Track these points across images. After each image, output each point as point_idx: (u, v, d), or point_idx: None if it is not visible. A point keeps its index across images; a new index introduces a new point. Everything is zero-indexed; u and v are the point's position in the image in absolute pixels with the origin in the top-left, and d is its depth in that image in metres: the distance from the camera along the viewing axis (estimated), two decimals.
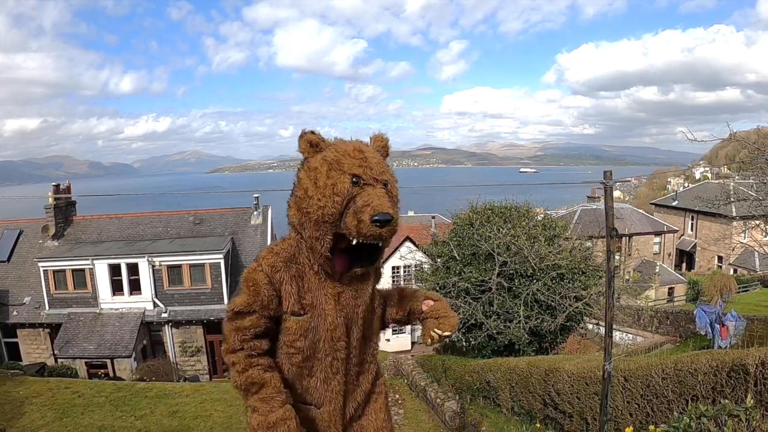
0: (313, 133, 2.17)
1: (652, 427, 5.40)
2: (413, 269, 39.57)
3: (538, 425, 8.00)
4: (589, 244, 17.05)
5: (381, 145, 2.31)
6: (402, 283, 39.81)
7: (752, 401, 4.29)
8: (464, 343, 15.69)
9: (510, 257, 13.62)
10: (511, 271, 13.71)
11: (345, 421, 2.38)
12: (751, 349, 6.14)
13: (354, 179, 2.02)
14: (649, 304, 27.74)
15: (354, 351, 2.31)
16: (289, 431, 2.06)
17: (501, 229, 13.86)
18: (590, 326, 19.16)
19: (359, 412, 2.45)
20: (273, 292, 2.16)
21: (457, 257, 14.67)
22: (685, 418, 4.24)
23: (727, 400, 4.61)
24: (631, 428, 5.27)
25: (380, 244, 2.08)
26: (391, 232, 2.01)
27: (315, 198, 2.03)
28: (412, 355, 17.12)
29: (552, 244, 14.23)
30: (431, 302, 2.50)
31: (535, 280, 13.50)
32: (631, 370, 6.54)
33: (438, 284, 14.78)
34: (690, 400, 5.83)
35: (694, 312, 20.04)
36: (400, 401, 10.57)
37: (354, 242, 2.03)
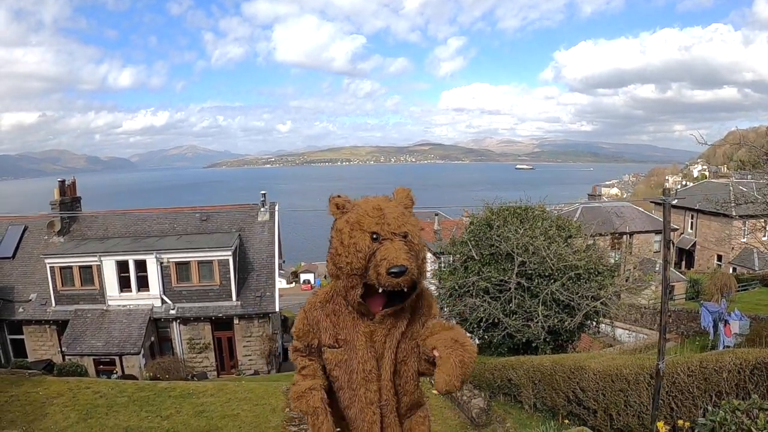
0: (339, 196, 2.52)
1: (680, 422, 5.62)
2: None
3: (566, 421, 8.21)
4: (601, 243, 17.25)
5: (404, 196, 2.57)
6: None
7: None
8: (478, 341, 15.88)
9: (528, 257, 13.79)
10: (530, 271, 13.87)
11: None
12: None
13: (373, 236, 2.30)
14: (650, 302, 27.91)
15: (387, 384, 2.52)
16: (312, 399, 2.47)
17: (519, 230, 14.04)
18: (604, 326, 19.34)
19: None
20: (309, 326, 2.60)
21: (476, 257, 14.84)
22: (720, 411, 4.42)
23: (756, 396, 4.82)
24: (662, 423, 5.47)
25: (415, 287, 2.36)
26: (408, 282, 2.25)
27: (343, 256, 2.34)
28: None
29: (568, 245, 14.42)
30: (436, 352, 2.42)
31: (553, 280, 13.66)
32: (663, 371, 6.68)
33: (457, 283, 15.03)
34: (714, 396, 6.03)
35: (699, 310, 20.26)
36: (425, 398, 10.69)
37: (380, 290, 2.32)
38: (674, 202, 47.66)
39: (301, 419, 9.19)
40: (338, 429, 2.60)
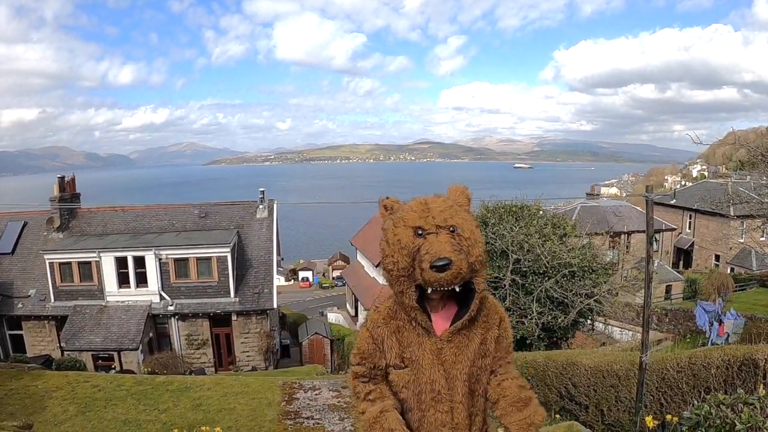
0: (388, 198, 2.39)
1: (669, 416, 5.72)
2: None
3: (557, 416, 8.32)
4: (596, 242, 17.41)
5: (458, 193, 2.39)
6: None
7: (764, 391, 4.61)
8: None
9: (523, 255, 13.92)
10: (525, 269, 14.01)
11: None
12: (760, 345, 6.48)
13: (417, 231, 2.15)
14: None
15: (459, 406, 2.34)
16: (388, 421, 2.26)
17: (514, 228, 14.17)
18: (599, 324, 19.47)
19: None
20: (374, 345, 2.39)
21: None
22: (705, 405, 4.53)
23: (741, 390, 4.92)
24: (651, 417, 5.56)
25: (472, 287, 2.20)
26: (453, 276, 2.07)
27: (389, 256, 2.21)
28: None
29: (563, 243, 14.56)
30: None
31: (547, 278, 13.80)
32: (647, 364, 6.80)
33: None
34: (703, 392, 6.14)
35: (695, 310, 20.40)
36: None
37: (429, 290, 2.15)
38: (673, 201, 47.80)
39: (297, 413, 9.30)
40: None
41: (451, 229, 2.16)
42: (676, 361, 6.52)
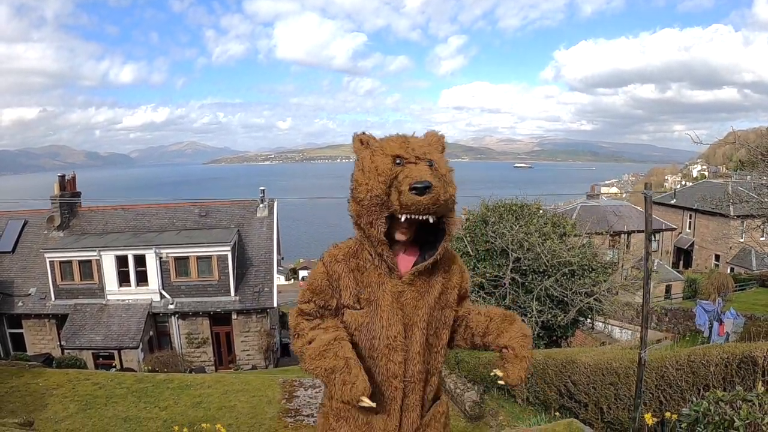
0: (363, 134, 2.32)
1: (668, 414, 5.74)
2: None
3: (557, 413, 8.35)
4: (596, 241, 17.45)
5: (434, 139, 2.34)
6: None
7: (762, 388, 4.65)
8: None
9: (523, 254, 13.94)
10: (524, 267, 14.03)
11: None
12: (759, 342, 6.50)
13: (396, 160, 2.11)
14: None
15: (415, 357, 2.24)
16: (342, 349, 2.14)
17: (514, 227, 14.20)
18: (599, 324, 19.50)
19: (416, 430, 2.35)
20: (328, 282, 2.27)
21: (471, 253, 15.01)
22: (704, 402, 4.55)
23: (740, 387, 4.95)
24: (650, 414, 5.59)
25: (436, 223, 2.14)
26: (432, 200, 2.02)
27: (363, 184, 2.14)
28: None
29: (563, 242, 14.59)
30: (510, 351, 2.33)
31: (547, 276, 13.83)
32: (649, 361, 6.82)
33: None
34: (702, 389, 6.16)
35: (694, 309, 20.43)
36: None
37: (402, 218, 2.08)
38: (673, 201, 47.83)
39: (297, 410, 9.32)
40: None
41: (429, 162, 2.13)
42: (676, 359, 6.54)
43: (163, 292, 23.35)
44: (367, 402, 2.11)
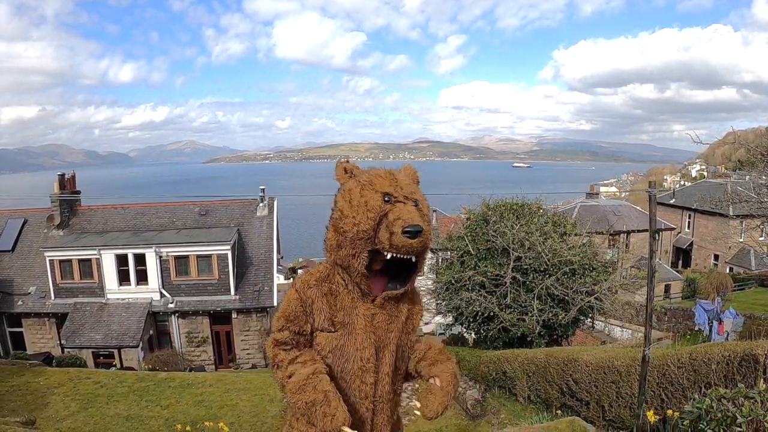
0: (348, 161, 2.40)
1: (670, 412, 5.77)
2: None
3: (559, 412, 8.38)
4: (597, 240, 17.47)
5: (410, 173, 2.44)
6: None
7: (764, 385, 4.67)
8: (475, 336, 16.11)
9: (524, 252, 13.96)
10: (525, 266, 14.05)
11: None
12: (760, 340, 6.53)
13: (386, 197, 2.16)
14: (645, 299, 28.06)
15: (385, 378, 2.32)
16: (320, 383, 2.15)
17: (515, 226, 14.22)
18: (599, 324, 19.52)
19: None
20: (301, 308, 2.29)
21: (472, 252, 15.03)
22: (707, 399, 4.58)
23: (742, 385, 4.98)
24: (652, 412, 5.61)
25: (414, 261, 2.19)
26: (422, 244, 2.11)
27: (350, 217, 2.16)
28: None
29: (564, 241, 14.61)
30: (436, 382, 2.38)
31: (548, 275, 13.86)
32: (650, 357, 6.84)
33: (454, 278, 15.23)
34: (703, 387, 6.19)
35: (694, 308, 20.46)
36: (419, 390, 10.82)
37: (388, 256, 2.13)
38: (672, 201, 47.85)
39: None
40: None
41: (415, 203, 2.21)
42: (677, 357, 6.58)
43: (163, 291, 23.30)
44: (347, 431, 2.13)
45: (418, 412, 2.34)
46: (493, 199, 16.25)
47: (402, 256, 2.13)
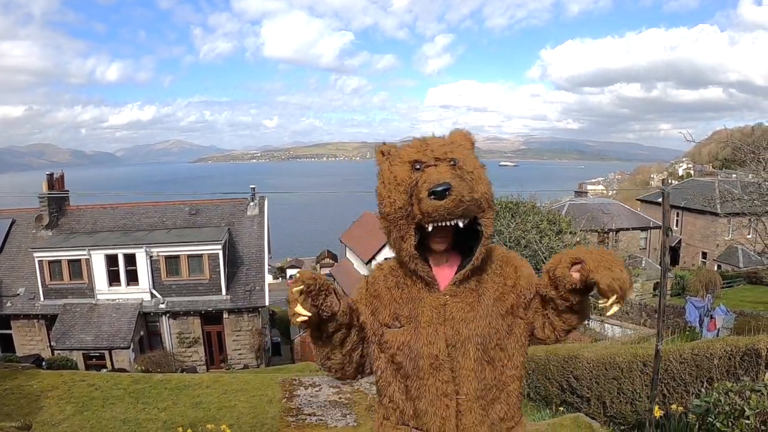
0: (385, 144, 2.17)
1: (674, 406, 5.81)
2: None
3: (560, 408, 8.40)
4: (591, 239, 17.57)
5: (460, 135, 2.21)
6: None
7: None
8: None
9: (520, 251, 13.99)
10: None
11: None
12: (761, 335, 6.60)
13: (415, 165, 1.96)
14: (637, 297, 28.27)
15: (469, 374, 2.00)
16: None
17: (510, 224, 14.25)
18: (593, 322, 19.60)
19: None
20: (366, 298, 2.16)
21: None
22: (714, 393, 4.63)
23: (747, 378, 5.02)
24: (656, 407, 5.65)
25: (464, 225, 1.92)
26: (455, 202, 1.83)
27: (386, 197, 1.99)
28: None
29: (560, 239, 14.66)
30: (579, 265, 1.87)
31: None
32: (650, 356, 6.87)
33: None
34: (705, 382, 6.25)
35: (685, 305, 20.61)
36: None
37: (429, 228, 1.89)
38: (660, 199, 48.14)
39: (299, 409, 9.29)
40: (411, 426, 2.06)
41: (452, 162, 1.96)
42: (679, 352, 6.65)
43: (154, 292, 23.13)
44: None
45: (600, 302, 1.81)
46: None
47: (442, 223, 1.88)
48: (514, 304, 2.08)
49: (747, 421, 4.07)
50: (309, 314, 1.80)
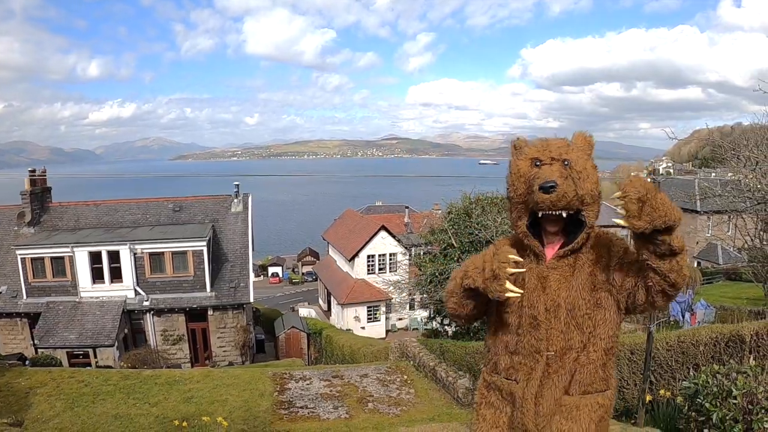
0: (518, 139, 2.62)
1: (662, 391, 6.00)
2: (388, 258, 40.23)
3: None
4: None
5: (580, 138, 2.53)
6: (377, 271, 40.30)
7: (754, 362, 4.93)
8: (455, 329, 16.27)
9: None
10: None
11: (540, 405, 2.44)
12: (745, 322, 6.82)
13: (535, 162, 2.41)
14: None
15: (558, 335, 2.42)
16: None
17: (497, 219, 14.42)
18: None
19: (559, 409, 2.44)
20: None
21: (455, 245, 15.19)
22: (702, 375, 4.80)
23: (733, 361, 5.23)
24: (648, 394, 5.82)
25: (569, 215, 2.34)
26: (558, 198, 2.28)
27: (511, 185, 2.48)
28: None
29: None
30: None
31: None
32: (637, 344, 7.04)
33: (437, 270, 15.38)
34: (691, 368, 6.44)
35: None
36: (409, 381, 10.89)
37: (540, 214, 2.38)
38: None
39: (291, 402, 9.33)
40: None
41: (565, 162, 2.37)
42: (666, 340, 6.82)
43: (138, 289, 22.96)
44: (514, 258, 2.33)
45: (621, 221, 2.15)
46: (474, 193, 16.42)
47: (549, 212, 2.34)
48: (602, 280, 2.44)
49: (734, 401, 4.26)
50: (521, 292, 2.36)
